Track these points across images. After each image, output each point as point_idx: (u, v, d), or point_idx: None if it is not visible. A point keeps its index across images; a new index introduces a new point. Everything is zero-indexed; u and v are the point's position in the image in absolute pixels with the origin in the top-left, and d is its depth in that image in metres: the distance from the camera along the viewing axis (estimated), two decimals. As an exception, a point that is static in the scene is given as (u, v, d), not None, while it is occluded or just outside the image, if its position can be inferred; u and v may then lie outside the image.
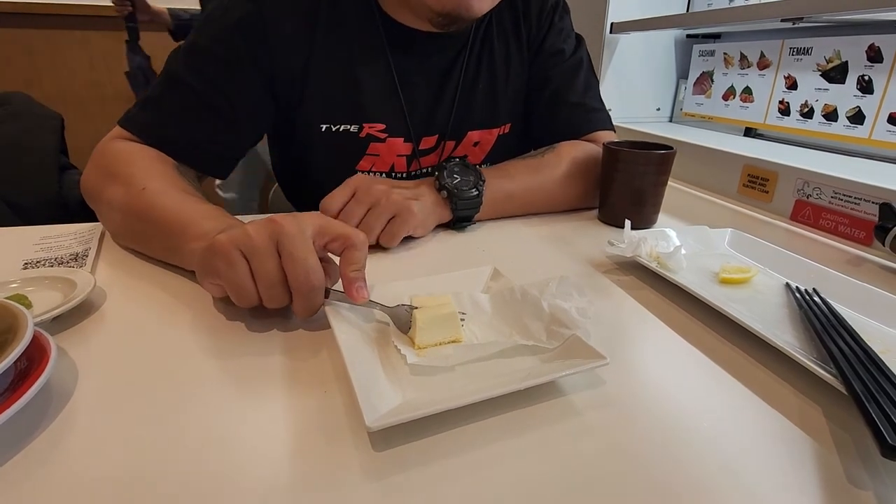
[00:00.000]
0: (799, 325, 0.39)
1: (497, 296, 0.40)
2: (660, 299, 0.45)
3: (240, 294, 0.36)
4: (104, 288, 0.44)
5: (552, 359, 0.34)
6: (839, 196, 0.63)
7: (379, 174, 0.69)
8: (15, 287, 0.41)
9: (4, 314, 0.32)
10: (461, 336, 0.36)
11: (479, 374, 0.33)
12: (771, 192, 0.72)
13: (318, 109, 0.64)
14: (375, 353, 0.35)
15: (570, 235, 0.61)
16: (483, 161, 0.74)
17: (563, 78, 0.72)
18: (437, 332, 0.35)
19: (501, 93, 0.71)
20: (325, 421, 0.29)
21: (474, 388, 0.30)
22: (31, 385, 0.28)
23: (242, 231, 0.36)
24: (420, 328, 0.35)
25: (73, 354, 0.34)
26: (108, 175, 0.53)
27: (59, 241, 0.53)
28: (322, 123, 0.65)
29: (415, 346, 0.35)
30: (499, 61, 0.70)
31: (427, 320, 0.35)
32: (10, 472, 0.25)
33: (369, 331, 0.37)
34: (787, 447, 0.28)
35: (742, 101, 1.00)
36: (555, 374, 0.31)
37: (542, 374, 0.31)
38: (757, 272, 0.48)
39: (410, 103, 0.67)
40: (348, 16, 0.62)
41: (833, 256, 0.57)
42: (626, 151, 0.61)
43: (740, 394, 0.33)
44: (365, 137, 0.66)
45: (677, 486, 0.25)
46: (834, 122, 0.83)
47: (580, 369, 0.31)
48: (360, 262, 0.38)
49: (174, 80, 0.58)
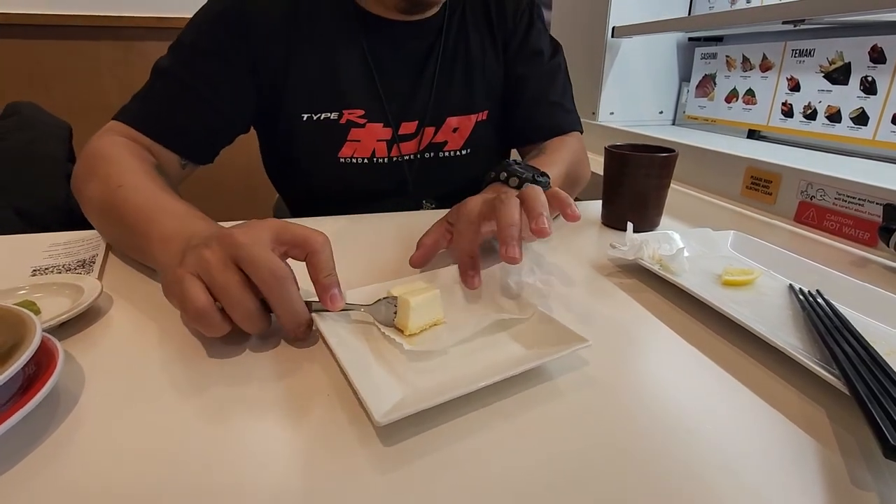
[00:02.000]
0: (802, 327, 0.39)
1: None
2: (662, 302, 0.45)
3: (202, 319, 0.34)
4: (111, 294, 0.44)
5: (538, 344, 0.36)
6: (843, 197, 0.63)
7: (360, 160, 0.71)
8: (24, 293, 0.42)
9: (13, 320, 0.32)
10: (443, 317, 0.39)
11: (468, 354, 0.35)
12: (774, 194, 0.72)
13: (300, 99, 0.67)
14: (368, 349, 0.36)
15: (571, 238, 0.61)
16: (462, 147, 0.75)
17: (543, 79, 0.75)
18: (426, 314, 0.37)
19: (478, 80, 0.73)
20: (329, 423, 0.29)
21: (471, 374, 0.32)
22: (40, 389, 0.28)
23: (197, 256, 0.34)
24: (413, 310, 0.36)
25: (80, 359, 0.35)
26: (90, 172, 0.54)
27: (66, 248, 0.54)
28: (304, 113, 0.67)
29: (406, 334, 0.37)
30: (474, 50, 0.73)
31: (420, 303, 0.36)
32: (19, 473, 0.26)
33: (356, 330, 0.38)
34: (790, 448, 0.28)
35: (745, 103, 1.00)
36: (546, 357, 0.33)
37: (529, 360, 0.33)
38: (760, 274, 0.48)
39: (388, 89, 0.69)
40: (324, 7, 0.65)
41: (837, 258, 0.57)
42: (629, 154, 0.61)
43: (743, 395, 0.33)
44: (345, 124, 0.68)
45: (679, 486, 0.25)
46: (837, 124, 0.83)
47: (565, 352, 0.33)
48: (328, 266, 0.36)
49: (161, 72, 0.61)
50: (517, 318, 0.38)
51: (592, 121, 1.18)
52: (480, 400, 0.31)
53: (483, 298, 0.42)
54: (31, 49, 1.48)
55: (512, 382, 0.32)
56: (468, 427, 0.29)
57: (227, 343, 0.37)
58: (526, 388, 0.33)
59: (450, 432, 0.29)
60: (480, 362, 0.35)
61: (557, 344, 0.34)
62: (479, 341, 0.37)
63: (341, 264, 0.38)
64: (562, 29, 1.29)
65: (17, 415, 0.27)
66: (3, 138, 0.98)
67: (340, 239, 0.59)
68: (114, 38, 1.61)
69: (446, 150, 0.74)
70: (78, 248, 0.54)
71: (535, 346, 0.36)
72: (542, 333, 0.36)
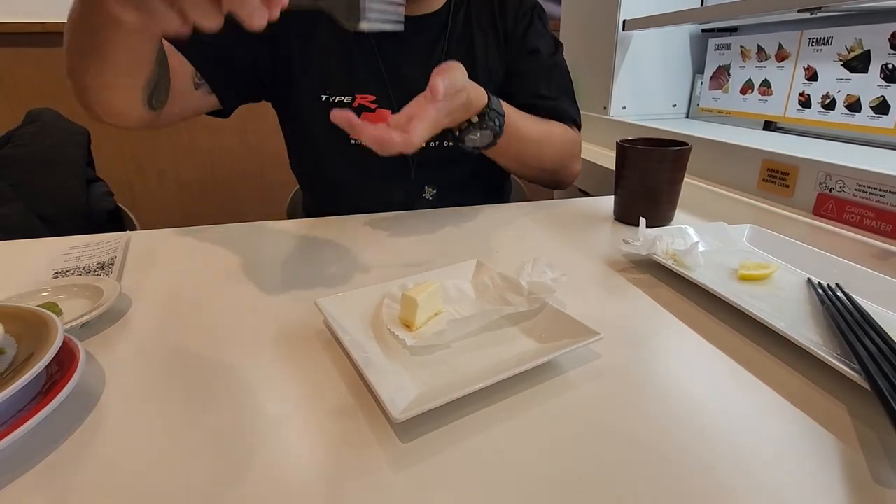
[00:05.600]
0: (822, 322, 0.38)
1: (478, 282, 0.44)
2: (676, 297, 0.45)
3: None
4: (129, 295, 0.45)
5: (550, 338, 0.36)
6: (864, 188, 0.61)
7: None
8: (46, 295, 0.43)
9: (36, 321, 0.33)
10: (442, 307, 0.40)
11: (478, 348, 0.36)
12: (792, 187, 0.70)
13: (318, 80, 0.70)
14: (376, 344, 0.36)
15: (583, 234, 0.60)
16: None
17: (540, 74, 0.76)
18: (429, 308, 0.39)
19: (481, 75, 0.74)
20: (346, 421, 0.30)
21: (483, 368, 0.33)
22: (62, 389, 0.29)
23: None
24: (420, 308, 0.37)
25: (100, 359, 0.36)
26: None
27: (86, 251, 0.55)
28: (322, 94, 0.70)
29: (413, 328, 0.38)
30: (478, 47, 0.74)
31: (425, 298, 0.38)
32: (43, 472, 0.26)
33: (364, 326, 0.39)
34: (811, 446, 0.28)
35: (760, 94, 0.98)
36: (557, 351, 0.33)
37: (541, 355, 0.33)
38: (777, 268, 0.47)
39: (395, 80, 0.71)
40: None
41: (857, 251, 0.56)
42: (641, 149, 0.60)
43: (760, 392, 0.32)
44: (357, 108, 0.70)
45: (693, 483, 0.25)
46: (857, 113, 0.81)
47: (579, 345, 0.33)
48: None
49: None
50: (526, 312, 0.38)
51: (604, 115, 1.17)
52: (494, 395, 0.31)
53: (492, 294, 0.42)
54: (49, 57, 1.52)
55: (524, 376, 0.32)
56: (483, 421, 0.29)
57: (242, 345, 0.38)
58: (539, 381, 0.33)
59: (465, 427, 0.29)
60: (492, 357, 0.35)
61: (569, 337, 0.35)
62: (488, 336, 0.37)
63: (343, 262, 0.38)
64: (572, 23, 1.28)
65: (41, 413, 0.27)
66: (25, 144, 1.00)
67: (346, 237, 0.59)
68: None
69: (448, 140, 0.76)
70: (97, 250, 0.55)
71: (546, 339, 0.36)
72: (554, 327, 0.37)
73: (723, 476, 0.26)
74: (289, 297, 0.45)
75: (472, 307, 0.41)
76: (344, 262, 0.52)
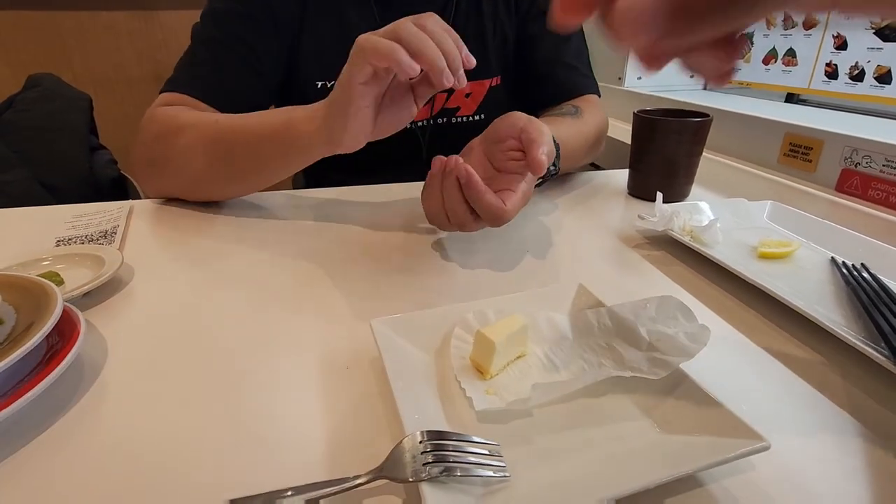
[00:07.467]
0: (845, 303, 0.37)
1: (579, 318, 0.33)
2: (693, 275, 0.43)
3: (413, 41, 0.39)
4: (131, 264, 0.44)
5: (683, 428, 0.25)
6: (892, 164, 0.58)
7: None
8: (47, 264, 0.42)
9: (36, 290, 0.32)
10: (527, 348, 0.31)
11: (563, 422, 0.26)
12: (815, 162, 0.67)
13: (314, 66, 0.67)
14: (437, 401, 0.27)
15: (598, 209, 0.59)
16: (476, 112, 0.74)
17: (557, 39, 0.73)
18: (510, 352, 0.30)
19: (490, 44, 0.72)
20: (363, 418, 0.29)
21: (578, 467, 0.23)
22: (63, 359, 0.28)
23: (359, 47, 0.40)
24: (499, 352, 0.29)
25: (102, 329, 0.35)
26: (171, 131, 0.55)
27: (89, 220, 0.54)
28: (318, 80, 0.67)
29: (487, 376, 0.29)
30: (486, 15, 0.71)
31: (506, 341, 0.29)
32: (45, 441, 0.26)
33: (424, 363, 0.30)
34: (835, 431, 0.27)
35: (784, 64, 0.94)
36: (700, 461, 0.23)
37: (676, 458, 0.23)
38: (799, 246, 0.45)
39: None
40: None
41: (883, 229, 0.54)
42: (660, 120, 0.58)
43: (781, 375, 0.31)
44: None
45: (715, 468, 0.24)
46: (888, 85, 0.77)
47: (733, 455, 0.22)
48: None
49: (202, 40, 0.63)
50: (641, 378, 0.27)
51: (619, 86, 1.13)
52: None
53: (596, 339, 0.31)
54: (50, 20, 1.48)
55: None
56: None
57: (246, 312, 0.37)
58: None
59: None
60: (593, 446, 0.25)
61: (716, 434, 0.24)
62: (584, 404, 0.28)
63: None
64: (588, -12, 1.22)
65: (43, 383, 0.27)
66: (26, 110, 0.99)
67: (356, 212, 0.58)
68: (133, 8, 1.60)
69: (459, 115, 0.73)
70: (100, 218, 0.54)
71: (675, 429, 0.26)
72: (690, 413, 0.26)
73: (742, 461, 0.25)
74: (296, 267, 0.44)
75: (569, 353, 0.31)
76: (329, 235, 0.51)
